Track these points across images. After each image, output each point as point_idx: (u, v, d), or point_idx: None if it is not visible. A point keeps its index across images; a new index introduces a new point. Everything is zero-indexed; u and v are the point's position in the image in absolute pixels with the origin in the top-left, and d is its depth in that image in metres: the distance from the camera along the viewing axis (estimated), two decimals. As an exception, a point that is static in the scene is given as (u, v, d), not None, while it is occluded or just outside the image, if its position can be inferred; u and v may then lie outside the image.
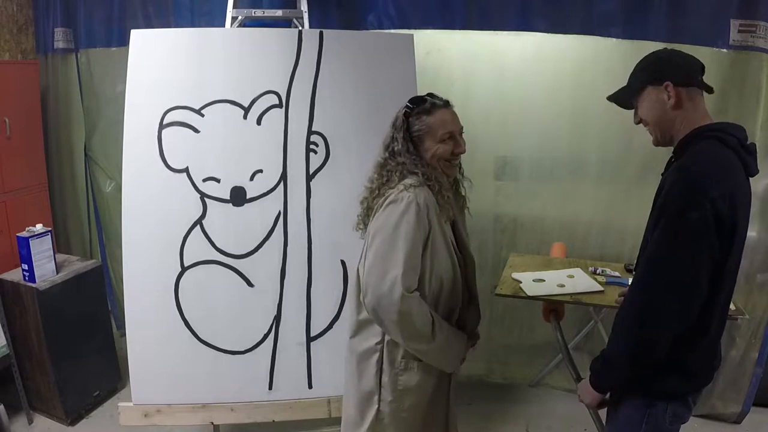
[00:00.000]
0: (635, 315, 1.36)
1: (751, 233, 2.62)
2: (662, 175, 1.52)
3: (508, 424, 2.76)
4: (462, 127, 1.64)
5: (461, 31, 2.82)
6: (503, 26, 2.77)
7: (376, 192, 1.60)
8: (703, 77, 1.47)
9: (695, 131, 1.40)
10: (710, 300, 1.35)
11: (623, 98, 1.53)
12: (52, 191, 3.39)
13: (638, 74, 1.49)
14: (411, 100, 1.62)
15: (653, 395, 1.44)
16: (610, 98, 1.55)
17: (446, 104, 1.63)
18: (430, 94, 1.64)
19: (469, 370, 2.79)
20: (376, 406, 1.63)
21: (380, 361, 1.61)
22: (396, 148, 1.58)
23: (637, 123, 1.51)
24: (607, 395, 1.52)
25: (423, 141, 1.59)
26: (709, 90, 1.47)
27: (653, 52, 1.51)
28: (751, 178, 1.42)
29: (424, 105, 1.60)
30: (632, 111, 1.54)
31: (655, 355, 1.36)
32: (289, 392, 2.32)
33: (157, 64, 2.27)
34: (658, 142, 1.49)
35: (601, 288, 2.10)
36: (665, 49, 1.54)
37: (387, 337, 1.59)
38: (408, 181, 1.55)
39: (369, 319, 1.59)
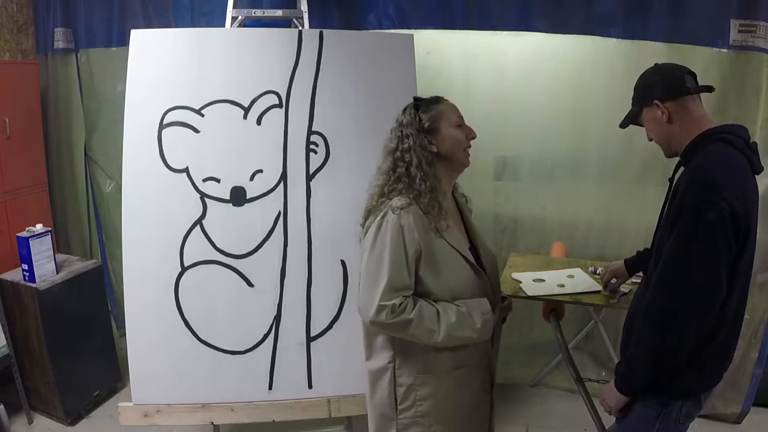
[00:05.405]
0: (659, 318, 1.37)
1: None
2: (669, 180, 1.54)
3: (508, 424, 2.76)
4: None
5: (461, 31, 2.82)
6: (503, 26, 2.78)
7: (376, 200, 1.55)
8: (695, 79, 1.49)
9: (701, 135, 1.42)
10: (726, 297, 1.36)
11: (630, 121, 1.59)
12: (52, 191, 3.40)
13: (634, 97, 1.55)
14: (415, 98, 1.60)
15: (670, 394, 1.45)
16: (622, 124, 1.61)
17: None
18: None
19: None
20: (394, 428, 1.58)
21: (393, 380, 1.56)
22: (409, 145, 1.51)
23: (650, 140, 1.56)
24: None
25: (438, 129, 1.54)
26: (708, 89, 1.48)
27: (643, 72, 1.56)
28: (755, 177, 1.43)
29: (430, 98, 1.60)
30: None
31: (680, 356, 1.37)
32: (289, 392, 2.32)
33: (157, 64, 2.27)
34: (668, 155, 1.54)
35: (601, 288, 2.10)
36: (653, 65, 1.56)
37: (398, 357, 1.56)
38: (395, 203, 1.50)
39: (376, 340, 1.58)
